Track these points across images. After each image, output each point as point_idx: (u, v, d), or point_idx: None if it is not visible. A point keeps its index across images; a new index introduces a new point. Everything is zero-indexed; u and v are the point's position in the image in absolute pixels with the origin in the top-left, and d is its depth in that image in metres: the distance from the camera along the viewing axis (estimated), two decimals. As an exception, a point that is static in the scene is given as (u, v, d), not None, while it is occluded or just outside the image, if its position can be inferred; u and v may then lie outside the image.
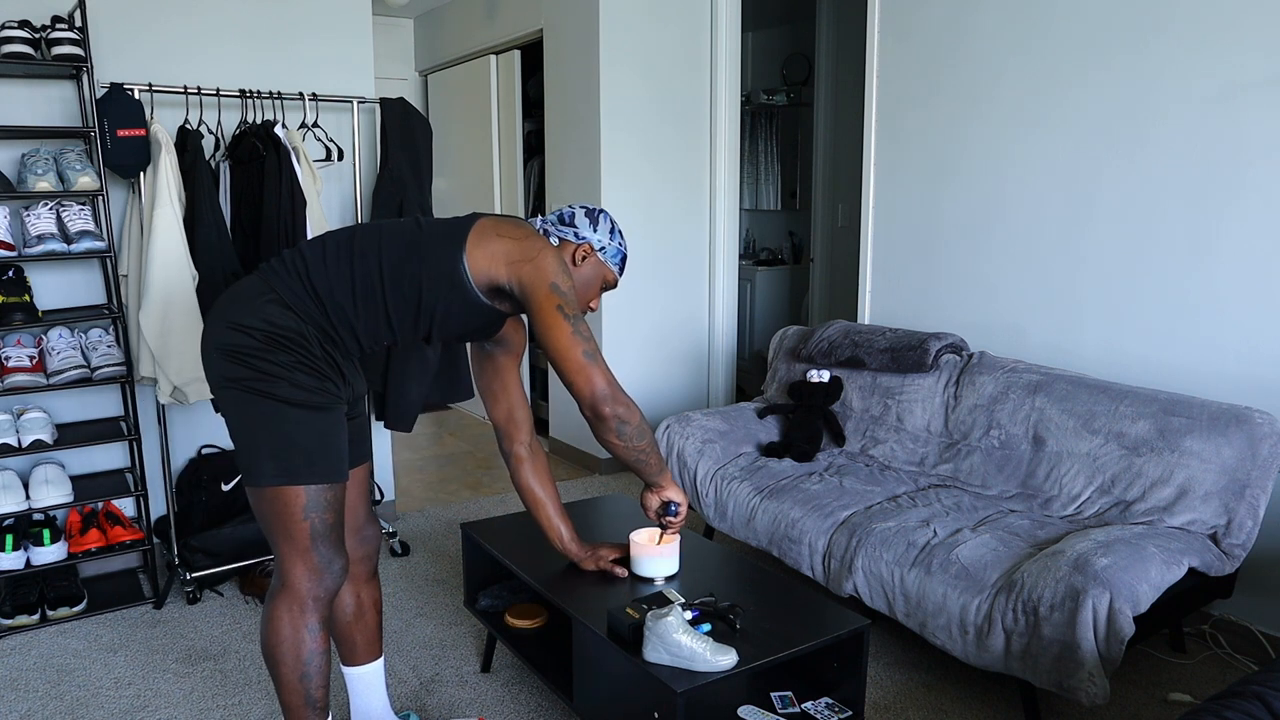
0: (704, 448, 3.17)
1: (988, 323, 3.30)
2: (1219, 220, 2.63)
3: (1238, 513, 2.37)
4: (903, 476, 2.97)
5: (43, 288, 3.04)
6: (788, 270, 6.01)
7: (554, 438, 4.75)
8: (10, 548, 2.77)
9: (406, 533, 3.63)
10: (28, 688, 2.50)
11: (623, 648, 1.82)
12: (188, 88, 2.99)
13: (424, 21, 5.80)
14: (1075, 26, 2.92)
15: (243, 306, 1.77)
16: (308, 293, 1.78)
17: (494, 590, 2.48)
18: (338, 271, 1.79)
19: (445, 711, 2.38)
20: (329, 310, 1.78)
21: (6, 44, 2.60)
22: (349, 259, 1.80)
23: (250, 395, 1.73)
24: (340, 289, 1.78)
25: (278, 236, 3.01)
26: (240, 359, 1.74)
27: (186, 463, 3.34)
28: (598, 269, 1.97)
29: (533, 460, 2.17)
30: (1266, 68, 2.49)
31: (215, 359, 1.77)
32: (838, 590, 2.57)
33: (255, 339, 1.73)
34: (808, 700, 2.01)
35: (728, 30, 4.28)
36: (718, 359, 4.58)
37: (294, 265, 1.80)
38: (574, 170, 4.34)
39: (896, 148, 3.56)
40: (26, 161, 2.79)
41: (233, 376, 1.74)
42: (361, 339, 1.84)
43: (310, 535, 1.77)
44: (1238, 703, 1.41)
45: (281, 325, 1.74)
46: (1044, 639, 2.07)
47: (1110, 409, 2.62)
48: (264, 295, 1.77)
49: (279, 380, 1.73)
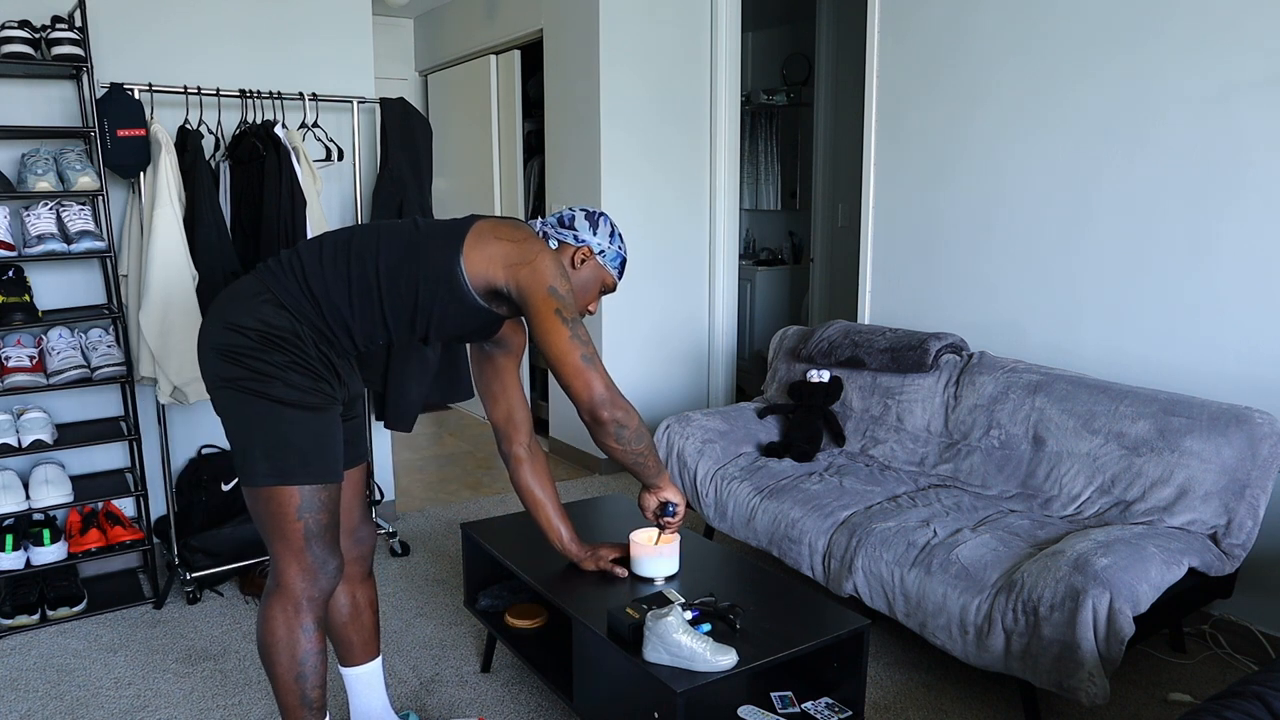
0: (704, 448, 3.17)
1: (988, 323, 3.30)
2: (1219, 220, 2.63)
3: (1238, 513, 2.37)
4: (903, 476, 2.97)
5: (43, 288, 3.04)
6: (788, 270, 6.01)
7: (554, 438, 4.75)
8: (10, 548, 2.77)
9: (406, 533, 3.63)
10: (28, 688, 2.50)
11: (623, 648, 1.82)
12: (188, 88, 2.99)
13: (424, 21, 5.80)
14: (1075, 26, 2.92)
15: (238, 306, 1.77)
16: (304, 293, 1.78)
17: (494, 590, 2.48)
18: (334, 273, 1.79)
19: (445, 711, 2.38)
20: (325, 311, 1.78)
21: (6, 44, 2.60)
22: (346, 260, 1.80)
23: (245, 395, 1.73)
24: (336, 290, 1.78)
25: (278, 236, 3.01)
26: (235, 359, 1.74)
27: (186, 463, 3.34)
28: (597, 272, 1.96)
29: (532, 461, 2.17)
30: (1266, 67, 2.49)
31: (210, 358, 1.77)
32: (838, 590, 2.57)
33: (250, 339, 1.73)
34: (808, 700, 2.01)
35: (728, 30, 4.28)
36: (718, 359, 4.58)
37: (290, 266, 1.80)
38: (574, 170, 4.34)
39: (896, 148, 3.56)
40: (26, 161, 2.79)
41: (227, 376, 1.74)
42: (357, 339, 1.84)
43: (304, 535, 1.77)
44: (1238, 703, 1.41)
45: (276, 325, 1.74)
46: (1044, 639, 2.07)
47: (1110, 409, 2.62)
48: (259, 295, 1.77)
49: (273, 380, 1.73)
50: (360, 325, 1.81)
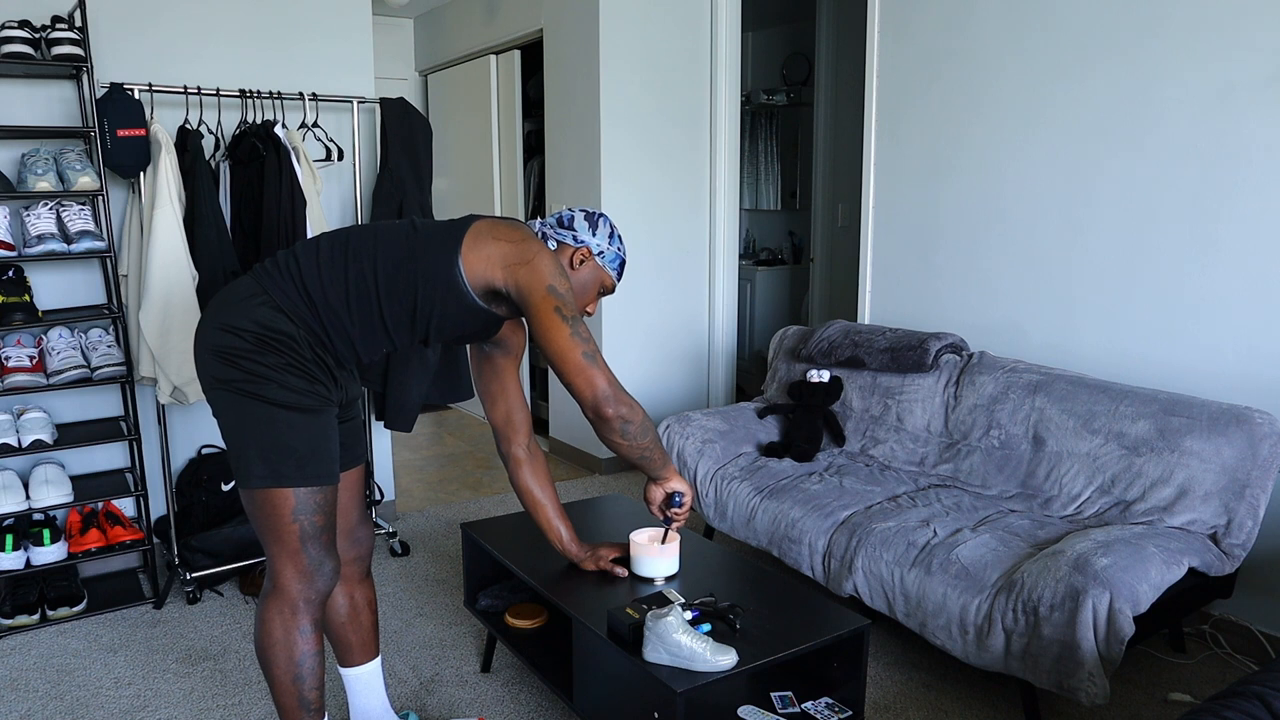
0: (704, 448, 3.17)
1: (988, 323, 3.30)
2: (1219, 220, 2.63)
3: (1238, 513, 2.37)
4: (903, 476, 2.97)
5: (43, 288, 3.04)
6: (788, 270, 6.01)
7: (554, 438, 4.75)
8: (10, 548, 2.77)
9: (406, 533, 3.63)
10: (28, 688, 2.50)
11: (623, 648, 1.82)
12: (188, 88, 2.99)
13: (424, 21, 5.80)
14: (1074, 26, 2.92)
15: (234, 308, 1.76)
16: (300, 295, 1.77)
17: (494, 590, 2.48)
18: (331, 274, 1.78)
19: (445, 711, 2.38)
20: (321, 313, 1.78)
21: (6, 44, 2.60)
22: (343, 262, 1.79)
23: (240, 397, 1.73)
24: (334, 292, 1.78)
25: (278, 236, 3.01)
26: (231, 360, 1.73)
27: (186, 463, 3.34)
28: (595, 273, 1.96)
29: (531, 462, 2.17)
30: (1266, 67, 2.49)
31: (206, 360, 1.77)
32: (838, 590, 2.57)
33: (245, 341, 1.73)
34: (808, 700, 2.01)
35: (728, 30, 4.28)
36: (718, 359, 4.58)
37: (287, 267, 1.79)
38: (574, 170, 4.34)
39: (896, 148, 3.57)
40: (26, 161, 2.79)
41: (223, 378, 1.74)
42: (357, 345, 1.83)
43: (300, 537, 1.77)
44: (1238, 703, 1.41)
45: (272, 327, 1.74)
46: (1044, 639, 2.07)
47: (1110, 409, 2.62)
48: (255, 297, 1.76)
49: (268, 382, 1.72)
50: (360, 329, 1.81)
